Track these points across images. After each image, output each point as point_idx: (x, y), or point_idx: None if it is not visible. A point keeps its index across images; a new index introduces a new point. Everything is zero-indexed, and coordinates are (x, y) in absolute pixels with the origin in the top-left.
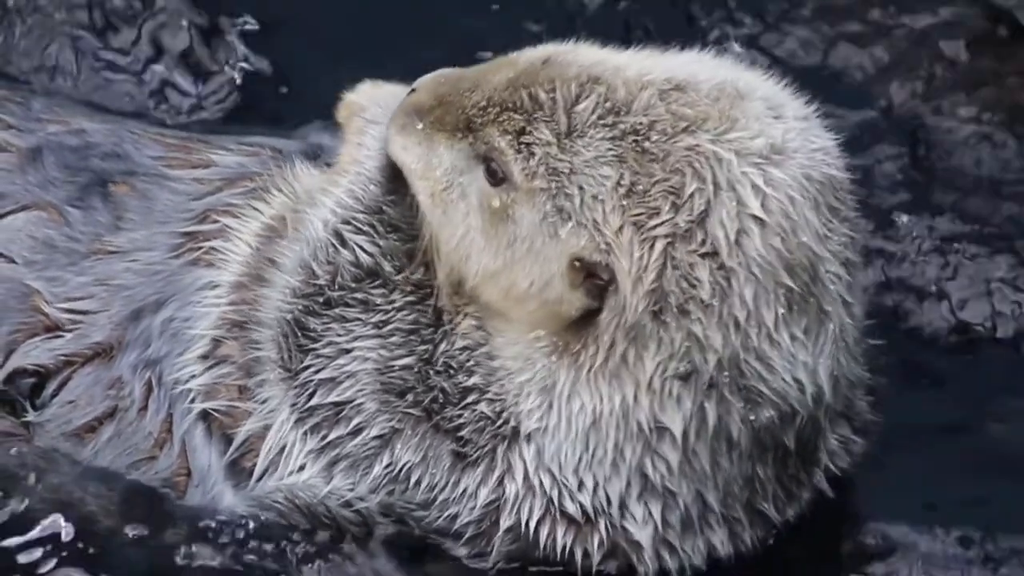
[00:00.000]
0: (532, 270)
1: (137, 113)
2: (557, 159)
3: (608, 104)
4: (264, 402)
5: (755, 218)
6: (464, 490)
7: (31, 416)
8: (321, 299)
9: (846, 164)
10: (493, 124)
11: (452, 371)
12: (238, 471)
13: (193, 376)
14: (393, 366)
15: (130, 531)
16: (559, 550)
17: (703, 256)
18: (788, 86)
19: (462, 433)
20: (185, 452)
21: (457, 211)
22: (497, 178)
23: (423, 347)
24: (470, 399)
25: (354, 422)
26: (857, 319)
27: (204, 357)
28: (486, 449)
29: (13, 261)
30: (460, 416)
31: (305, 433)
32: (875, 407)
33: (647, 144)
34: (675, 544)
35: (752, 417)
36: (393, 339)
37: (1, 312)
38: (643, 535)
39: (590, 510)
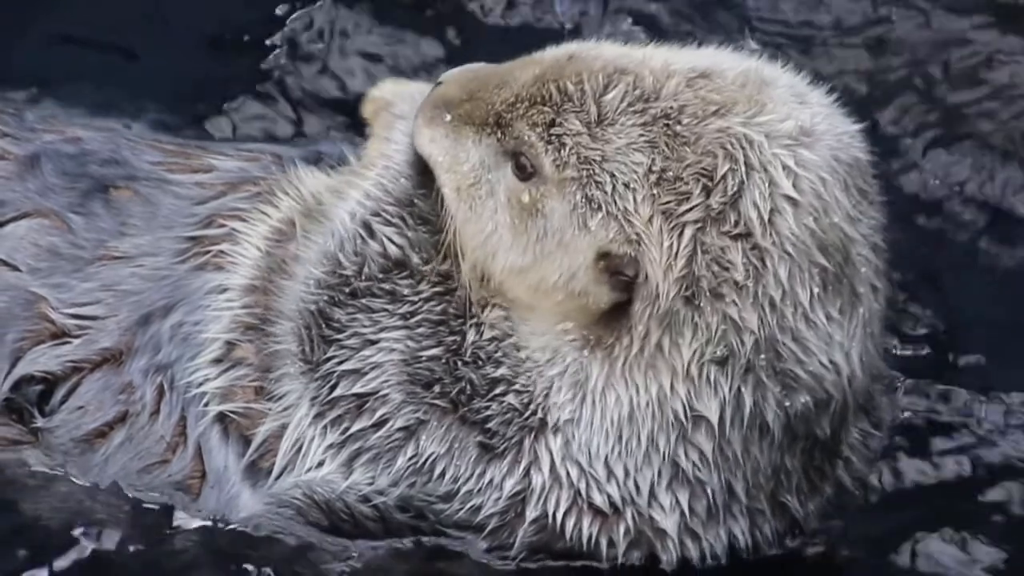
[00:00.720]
0: (561, 263)
1: (131, 122)
2: (588, 148)
3: (637, 92)
4: (282, 397)
5: (788, 198)
6: (490, 480)
7: (40, 422)
8: (347, 289)
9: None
10: (522, 119)
11: (480, 362)
12: (256, 471)
13: (208, 379)
14: (420, 357)
15: (140, 539)
16: (584, 541)
17: (735, 238)
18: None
19: (489, 425)
20: (200, 454)
21: (484, 208)
22: (526, 173)
23: (451, 338)
24: (498, 390)
25: (378, 413)
26: (882, 308)
27: (218, 361)
28: (513, 440)
29: (17, 269)
30: (487, 408)
31: (325, 427)
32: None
33: (678, 128)
34: (699, 533)
35: (787, 403)
36: (420, 330)
37: (6, 320)
38: (669, 523)
39: (618, 500)
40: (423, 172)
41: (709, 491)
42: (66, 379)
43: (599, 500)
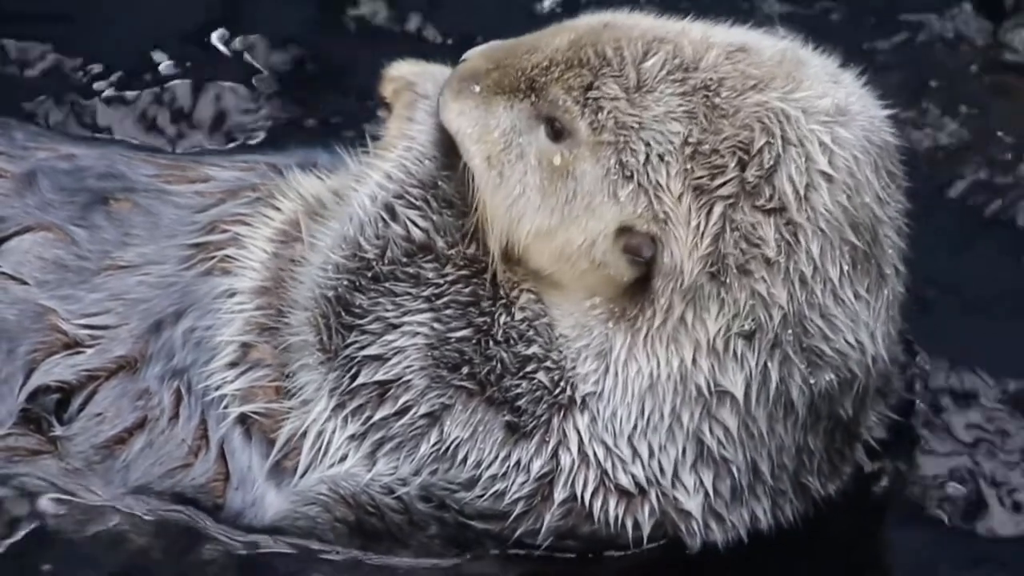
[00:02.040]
0: (586, 228)
1: (122, 139)
2: (626, 113)
3: (677, 61)
4: (301, 390)
5: (823, 174)
6: (517, 462)
7: (59, 431)
8: (369, 273)
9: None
10: (557, 82)
11: (512, 341)
12: (280, 471)
13: (226, 382)
14: (449, 338)
15: (165, 549)
16: (610, 522)
17: (769, 212)
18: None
19: (519, 403)
20: (223, 456)
21: (514, 171)
22: (560, 135)
23: (482, 318)
24: (529, 368)
25: (401, 400)
26: (903, 292)
27: (234, 364)
28: (542, 419)
29: (25, 282)
30: (518, 386)
31: (346, 418)
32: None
33: (717, 100)
34: (723, 514)
35: (812, 380)
36: (448, 311)
37: (18, 332)
38: (693, 504)
39: (643, 480)
40: (448, 153)
41: (734, 470)
42: (82, 388)
43: (624, 480)
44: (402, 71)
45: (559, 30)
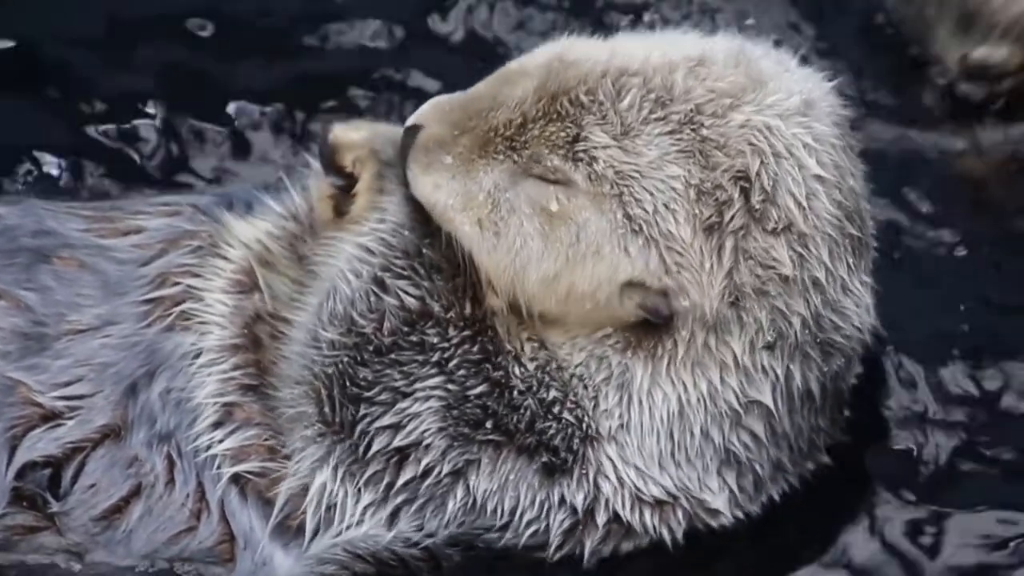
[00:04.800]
0: (594, 272)
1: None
2: (622, 162)
3: (652, 96)
4: (301, 460)
5: (817, 177)
6: (560, 499)
7: (55, 507)
8: (371, 347)
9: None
10: (538, 140)
11: (534, 388)
12: (285, 530)
13: (215, 441)
14: (467, 397)
15: None
16: (648, 532)
17: (779, 233)
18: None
19: (554, 443)
20: (225, 517)
21: (509, 226)
22: (551, 179)
23: (498, 372)
24: (555, 410)
25: (424, 462)
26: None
27: (219, 424)
28: (578, 453)
29: None
30: (549, 428)
31: (359, 487)
32: None
33: (705, 132)
34: (746, 505)
35: (826, 368)
36: (461, 372)
37: None
38: (720, 503)
39: (673, 489)
40: (425, 220)
41: (757, 468)
42: (70, 460)
43: (657, 492)
44: (354, 137)
45: (515, 77)
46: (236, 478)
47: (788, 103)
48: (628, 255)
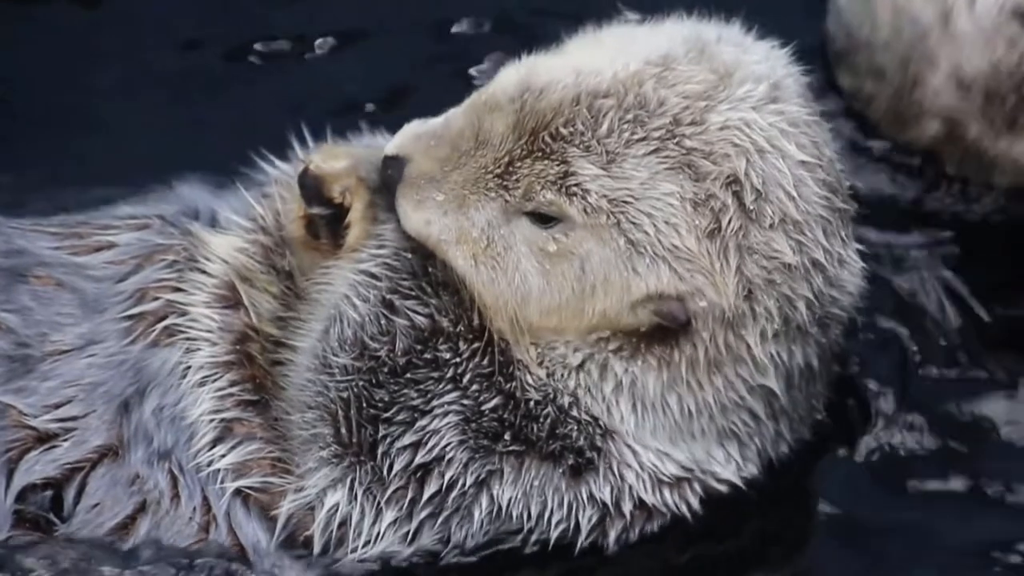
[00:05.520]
0: (605, 298)
1: None
2: (615, 189)
3: (629, 116)
4: (314, 480)
5: (801, 163)
6: (588, 496)
7: (60, 528)
8: (386, 368)
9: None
10: (528, 178)
11: (551, 395)
12: (293, 544)
13: (218, 457)
14: (483, 410)
15: None
16: (667, 511)
17: (776, 226)
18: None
19: (579, 444)
20: (233, 529)
21: (507, 262)
22: (546, 219)
23: (510, 384)
24: (573, 412)
25: (447, 476)
26: None
27: (219, 440)
28: (600, 449)
29: None
30: (571, 431)
31: (380, 506)
32: None
33: (688, 143)
34: (749, 470)
35: (824, 340)
36: (474, 387)
37: None
38: (728, 473)
39: (688, 464)
40: (422, 244)
41: (757, 440)
42: (70, 481)
43: (674, 469)
44: (338, 168)
45: (490, 111)
46: (239, 492)
47: (758, 92)
48: (638, 274)
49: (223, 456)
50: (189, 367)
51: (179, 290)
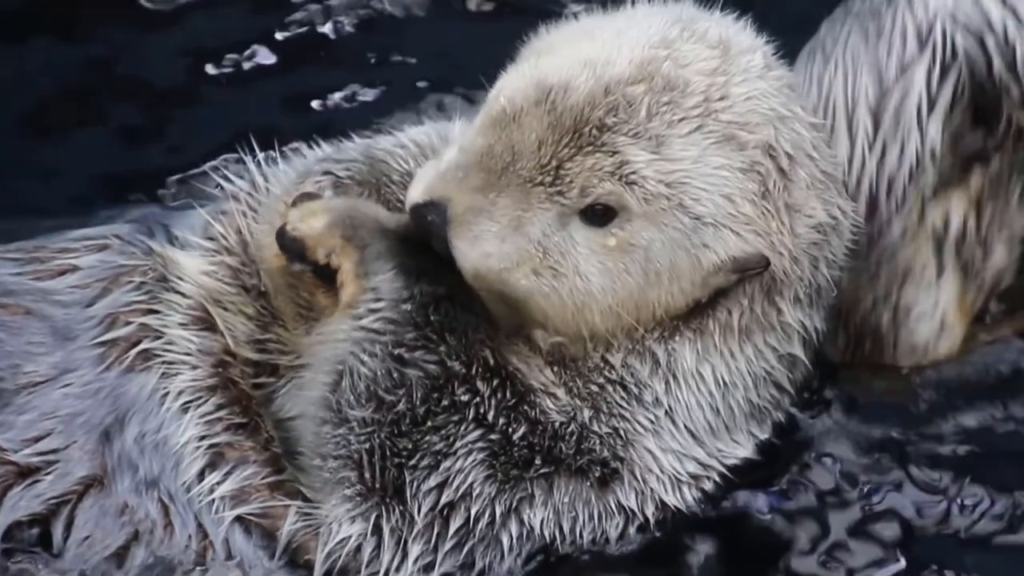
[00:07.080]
0: (672, 285)
1: None
2: (669, 172)
3: (664, 98)
4: (332, 514)
5: (810, 125)
6: (616, 504)
7: (52, 565)
8: (408, 418)
9: None
10: (582, 176)
11: (573, 413)
12: (297, 564)
13: (213, 485)
14: (512, 441)
15: None
16: (686, 507)
17: (809, 186)
18: None
19: (604, 455)
20: (232, 555)
21: (567, 267)
22: (601, 217)
23: (533, 410)
24: (595, 426)
25: (474, 511)
26: None
27: (211, 467)
28: (625, 456)
29: None
30: (596, 443)
31: (406, 542)
32: None
33: (723, 116)
34: (760, 436)
35: (832, 302)
36: (501, 420)
37: None
38: (744, 452)
39: (707, 461)
40: (420, 286)
41: (775, 413)
42: (56, 515)
43: (692, 468)
44: (319, 227)
45: (514, 120)
46: (238, 517)
47: (756, 62)
48: (707, 247)
49: (219, 484)
50: (168, 392)
51: (152, 312)
